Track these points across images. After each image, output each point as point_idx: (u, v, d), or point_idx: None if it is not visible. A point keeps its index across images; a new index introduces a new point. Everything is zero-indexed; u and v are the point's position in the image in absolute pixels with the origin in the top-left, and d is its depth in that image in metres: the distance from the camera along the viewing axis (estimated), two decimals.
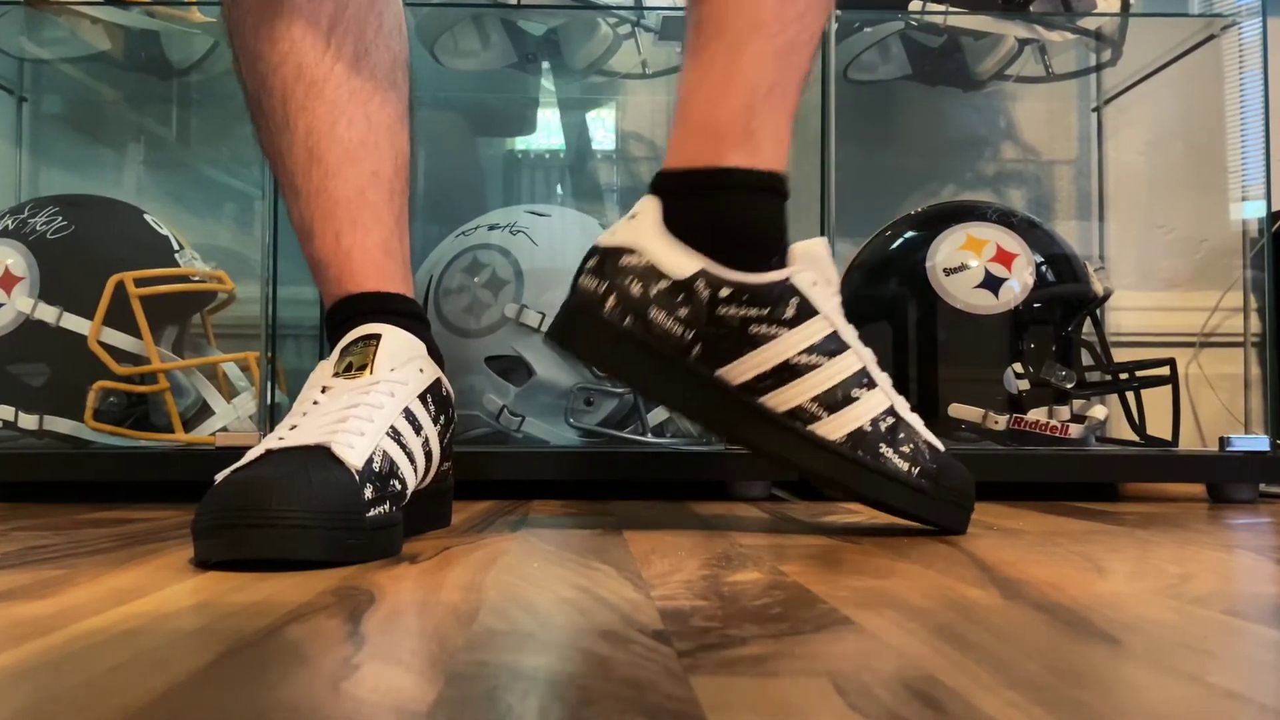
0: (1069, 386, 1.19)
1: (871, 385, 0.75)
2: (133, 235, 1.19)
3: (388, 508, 0.65)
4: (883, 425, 0.74)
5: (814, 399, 0.73)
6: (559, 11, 1.33)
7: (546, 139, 1.57)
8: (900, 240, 1.28)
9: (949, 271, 1.21)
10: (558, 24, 1.35)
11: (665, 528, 0.82)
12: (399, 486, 0.67)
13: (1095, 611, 0.48)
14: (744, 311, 0.72)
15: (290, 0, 0.76)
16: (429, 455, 0.72)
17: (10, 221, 1.16)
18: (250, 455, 0.65)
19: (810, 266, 0.74)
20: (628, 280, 0.73)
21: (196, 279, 1.19)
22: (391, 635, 0.44)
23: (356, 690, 0.34)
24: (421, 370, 0.73)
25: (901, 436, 0.74)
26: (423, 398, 0.72)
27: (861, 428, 0.73)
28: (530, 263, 1.20)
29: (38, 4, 1.28)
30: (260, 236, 1.21)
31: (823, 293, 0.74)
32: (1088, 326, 1.24)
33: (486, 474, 1.06)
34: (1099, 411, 1.23)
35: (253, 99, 0.80)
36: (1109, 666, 0.38)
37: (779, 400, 0.73)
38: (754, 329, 0.73)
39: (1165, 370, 1.20)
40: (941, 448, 0.76)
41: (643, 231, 0.74)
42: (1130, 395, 1.23)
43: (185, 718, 0.31)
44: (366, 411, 0.67)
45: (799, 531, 0.81)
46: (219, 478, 0.63)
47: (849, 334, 0.75)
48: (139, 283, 1.11)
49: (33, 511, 0.96)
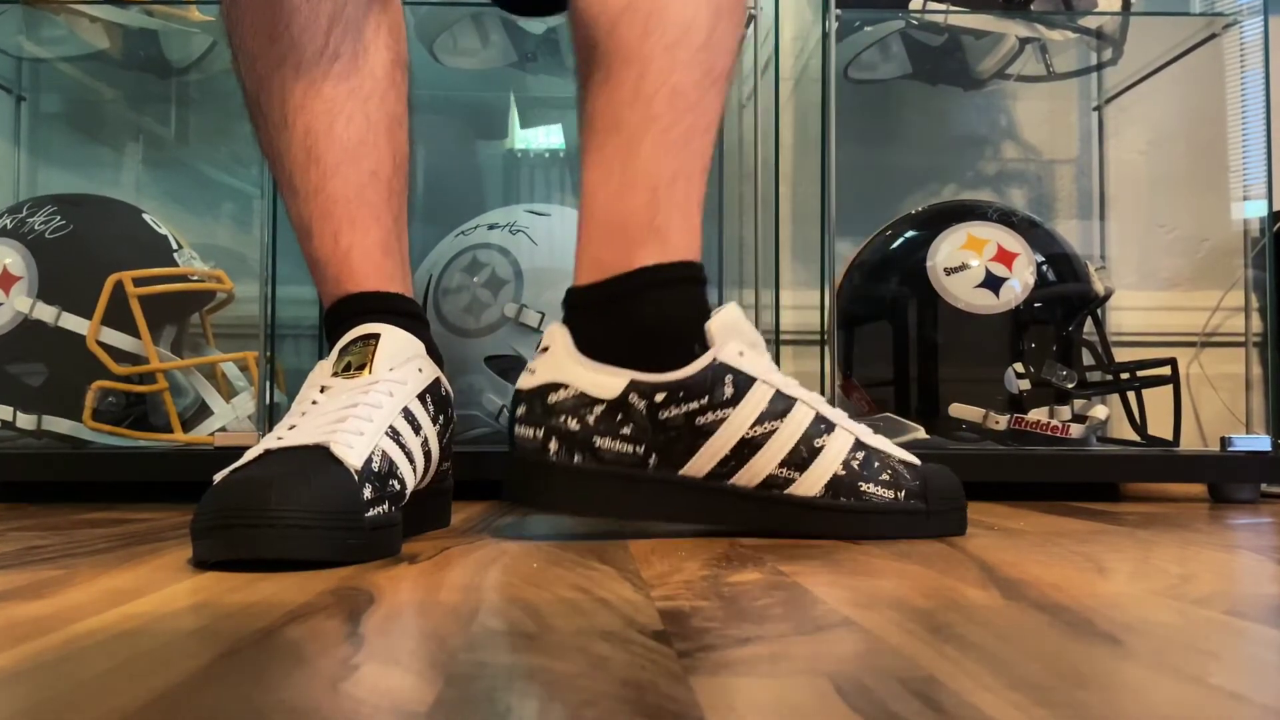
0: (1070, 386, 1.19)
1: (830, 427, 0.74)
2: (131, 235, 1.19)
3: (387, 508, 0.65)
4: (855, 463, 0.74)
5: (781, 464, 0.73)
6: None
7: (546, 138, 1.56)
8: (901, 240, 1.28)
9: (950, 271, 1.21)
10: (557, 23, 1.35)
11: (665, 528, 0.82)
12: (398, 486, 0.67)
13: (1096, 612, 0.48)
14: (685, 408, 0.72)
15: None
16: (428, 455, 0.72)
17: (9, 221, 1.16)
18: (249, 455, 0.65)
19: (731, 337, 0.74)
20: (562, 418, 0.72)
21: (195, 278, 1.19)
22: (390, 636, 0.43)
23: (355, 691, 0.34)
24: (420, 370, 0.73)
25: (876, 466, 0.74)
26: (422, 397, 0.72)
27: (836, 474, 0.73)
28: (530, 262, 1.20)
29: (36, 3, 1.28)
30: (259, 236, 1.21)
31: (752, 359, 0.74)
32: (1089, 326, 1.24)
33: (486, 474, 1.06)
34: (1100, 411, 1.23)
35: (251, 98, 0.80)
36: (1110, 667, 0.38)
37: (749, 477, 0.73)
38: (700, 420, 0.72)
39: (1166, 370, 1.20)
40: (916, 460, 0.76)
41: (560, 363, 0.73)
42: (1131, 395, 1.22)
43: (184, 718, 0.31)
44: (365, 411, 0.67)
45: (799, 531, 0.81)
46: (218, 478, 0.63)
47: (791, 386, 0.75)
48: (138, 282, 1.11)
49: (31, 512, 0.95)
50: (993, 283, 1.20)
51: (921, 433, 1.17)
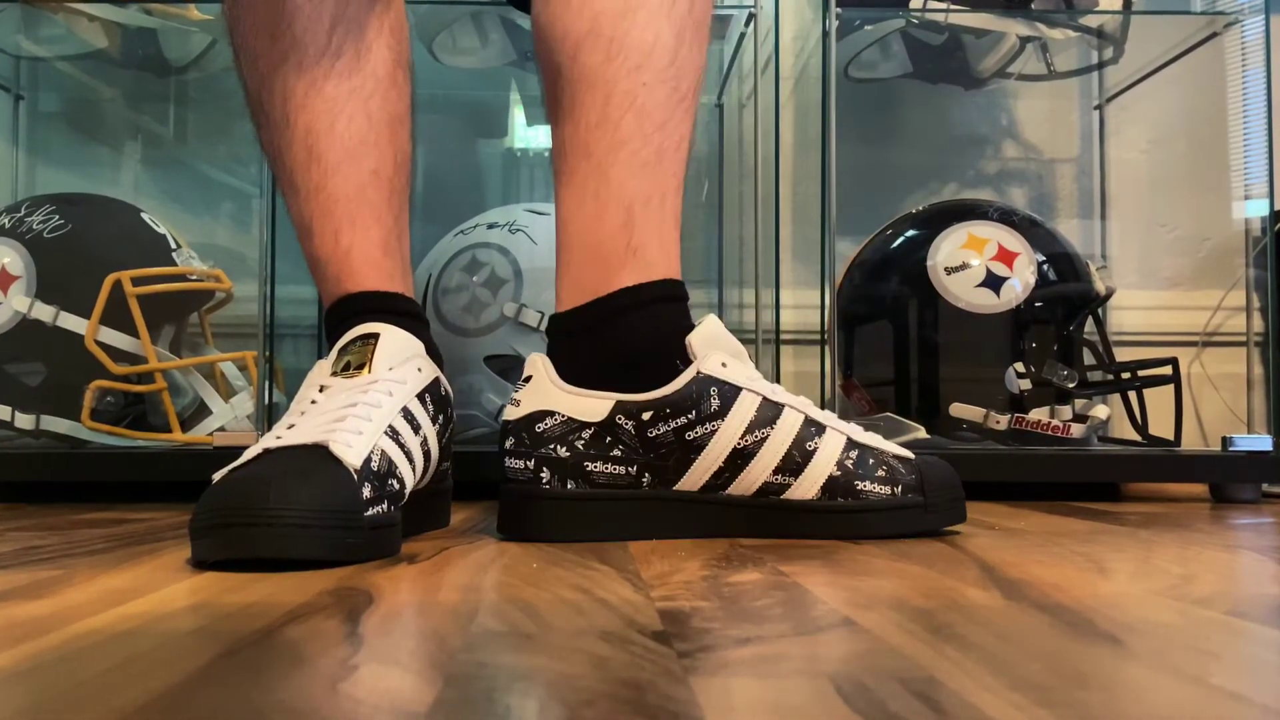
0: (1071, 386, 1.19)
1: (821, 429, 0.74)
2: (130, 234, 1.19)
3: (386, 507, 0.65)
4: (849, 462, 0.74)
5: (775, 470, 0.73)
6: None
7: (545, 137, 1.55)
8: (901, 239, 1.27)
9: (950, 270, 1.21)
10: None
11: None
12: (397, 486, 0.67)
13: (1097, 612, 0.48)
14: (673, 424, 0.72)
15: None
16: (427, 455, 0.72)
17: (7, 220, 1.16)
18: (248, 454, 0.65)
19: (713, 349, 0.74)
20: (552, 446, 0.72)
21: (194, 278, 1.19)
22: (390, 636, 0.43)
23: (355, 691, 0.34)
24: (420, 369, 0.73)
25: (871, 463, 0.74)
26: (421, 397, 0.72)
27: (831, 475, 0.73)
28: (529, 261, 1.20)
29: (35, 1, 1.28)
30: (258, 235, 1.21)
31: (736, 368, 0.74)
32: (1090, 325, 1.24)
33: (486, 474, 1.06)
34: (1101, 411, 1.23)
35: (253, 96, 0.79)
36: (1111, 667, 0.37)
37: (744, 486, 0.73)
38: (690, 435, 0.72)
39: (1167, 370, 1.20)
40: (910, 455, 0.76)
41: (544, 391, 0.73)
42: (1132, 395, 1.22)
43: (183, 719, 0.31)
44: (365, 410, 0.67)
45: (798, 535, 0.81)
46: (216, 477, 0.63)
47: (778, 392, 0.75)
48: (136, 282, 1.11)
49: (29, 511, 0.95)
50: (993, 282, 1.20)
51: (922, 432, 1.17)
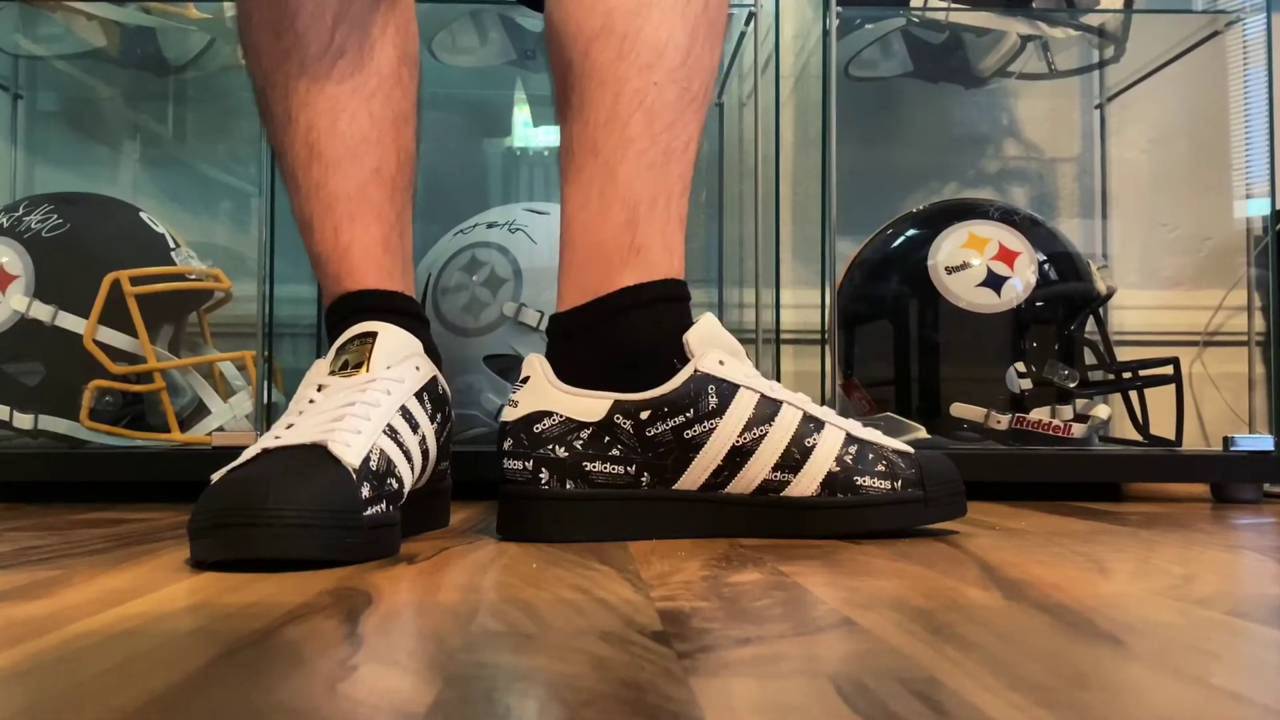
0: (1072, 386, 1.19)
1: (820, 425, 0.74)
2: (129, 233, 1.19)
3: (385, 507, 0.65)
4: (848, 458, 0.73)
5: (775, 467, 0.73)
6: None
7: (545, 136, 1.56)
8: (902, 238, 1.27)
9: (951, 270, 1.20)
10: None
11: None
12: (396, 485, 0.67)
13: (1098, 612, 0.47)
14: (671, 423, 0.72)
15: None
16: (426, 454, 0.72)
17: (5, 219, 1.16)
18: (246, 454, 0.65)
19: (710, 347, 0.73)
20: (550, 446, 0.72)
21: (193, 277, 1.19)
22: (389, 636, 0.43)
23: (354, 692, 0.34)
24: (418, 368, 0.73)
25: (871, 458, 0.74)
26: (419, 396, 0.72)
27: (830, 471, 0.73)
28: (529, 261, 1.20)
29: (34, 0, 1.27)
30: (257, 234, 1.21)
31: (733, 366, 0.73)
32: (1091, 325, 1.24)
33: (485, 474, 1.06)
34: (1102, 411, 1.23)
35: (259, 92, 0.79)
36: (1112, 668, 0.37)
37: (744, 484, 0.73)
38: (689, 434, 0.72)
39: (1169, 369, 1.19)
40: (910, 450, 0.76)
41: (542, 391, 0.73)
42: (1133, 394, 1.22)
43: (182, 719, 0.31)
44: (363, 410, 0.67)
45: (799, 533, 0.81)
46: (215, 477, 0.63)
47: (776, 389, 0.74)
48: (135, 281, 1.11)
49: (28, 512, 0.95)
50: (994, 281, 1.19)
51: (923, 432, 1.17)
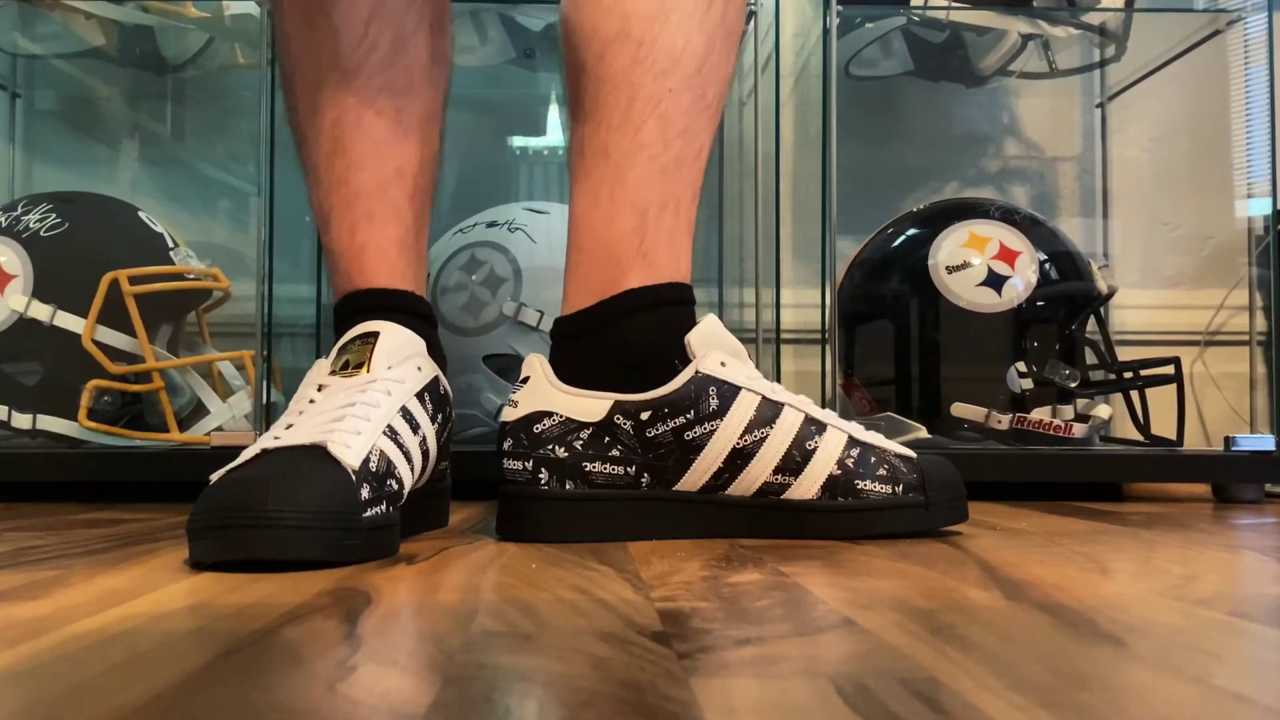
0: (1073, 386, 1.19)
1: (822, 428, 0.74)
2: (127, 233, 1.19)
3: (385, 508, 0.65)
4: (850, 461, 0.73)
5: (775, 470, 0.73)
6: (558, 6, 1.33)
7: (545, 136, 1.56)
8: (902, 238, 1.27)
9: (951, 269, 1.20)
10: (556, 19, 1.35)
11: None
12: (396, 486, 0.66)
13: (1099, 613, 0.47)
14: (672, 424, 0.72)
15: None
16: (426, 454, 0.72)
17: (4, 219, 1.16)
18: (246, 455, 0.64)
19: (712, 348, 0.73)
20: (550, 447, 0.72)
21: (192, 277, 1.19)
22: (388, 637, 0.43)
23: (353, 692, 0.34)
24: (419, 368, 0.73)
25: (873, 462, 0.74)
26: (420, 396, 0.72)
27: (831, 474, 0.73)
28: (529, 260, 1.20)
29: None
30: (256, 234, 1.21)
31: (735, 368, 0.73)
32: (1091, 325, 1.24)
33: (485, 474, 1.06)
34: (1103, 411, 1.23)
35: (286, 77, 0.79)
36: (1113, 668, 0.37)
37: (744, 486, 0.73)
38: (689, 435, 0.72)
39: (1170, 369, 1.19)
40: (912, 454, 0.76)
41: (543, 391, 0.73)
42: (1134, 394, 1.22)
43: (181, 719, 0.31)
44: (363, 410, 0.67)
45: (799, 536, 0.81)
46: (214, 477, 0.63)
47: (777, 391, 0.74)
48: (134, 281, 1.11)
49: (26, 512, 0.95)
50: (995, 281, 1.19)
51: (923, 432, 1.17)
